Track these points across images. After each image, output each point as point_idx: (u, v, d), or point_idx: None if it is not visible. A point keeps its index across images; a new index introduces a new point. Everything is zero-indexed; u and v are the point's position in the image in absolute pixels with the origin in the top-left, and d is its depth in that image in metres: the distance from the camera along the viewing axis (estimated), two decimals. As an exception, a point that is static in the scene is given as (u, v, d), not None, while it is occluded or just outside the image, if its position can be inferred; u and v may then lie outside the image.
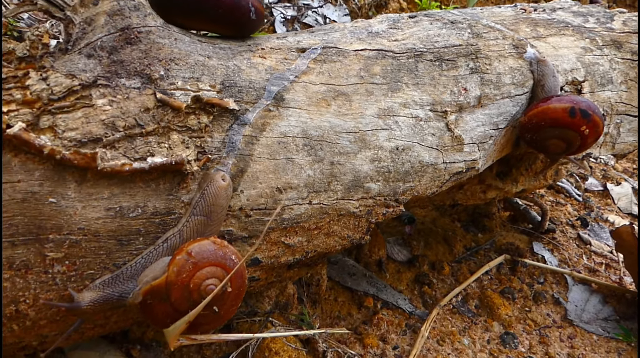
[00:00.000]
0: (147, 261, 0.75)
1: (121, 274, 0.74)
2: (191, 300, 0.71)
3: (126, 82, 0.75)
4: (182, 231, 0.76)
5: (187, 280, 0.71)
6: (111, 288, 0.74)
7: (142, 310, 0.72)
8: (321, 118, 0.88)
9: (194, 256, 0.71)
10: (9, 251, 0.68)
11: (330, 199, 0.88)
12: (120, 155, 0.71)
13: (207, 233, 0.78)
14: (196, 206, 0.76)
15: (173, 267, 0.70)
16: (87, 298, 0.72)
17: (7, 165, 0.67)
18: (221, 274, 0.73)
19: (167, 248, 0.76)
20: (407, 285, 1.34)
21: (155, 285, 0.70)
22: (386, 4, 2.86)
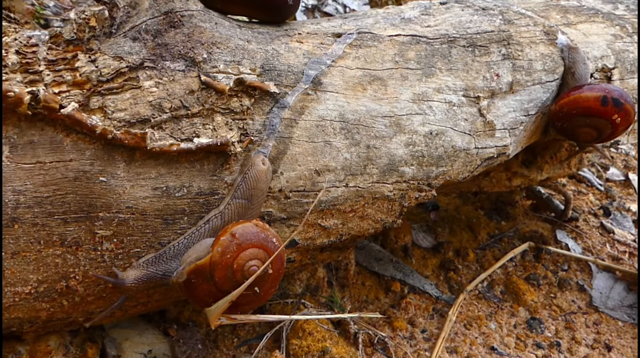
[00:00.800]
0: (189, 242, 0.77)
1: (164, 253, 0.76)
2: (234, 280, 0.73)
3: (171, 65, 0.77)
4: (224, 213, 0.78)
5: (230, 261, 0.72)
6: (155, 266, 0.76)
7: (185, 289, 0.74)
8: (357, 102, 0.89)
9: (238, 238, 0.73)
10: (61, 228, 0.70)
11: (366, 182, 0.89)
12: (167, 136, 0.73)
13: (247, 216, 0.79)
14: (238, 190, 0.77)
15: (217, 247, 0.72)
16: (131, 276, 0.74)
17: (59, 144, 0.69)
18: (263, 256, 0.75)
19: (208, 229, 0.78)
20: (433, 271, 1.35)
21: (200, 265, 0.72)
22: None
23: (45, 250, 0.70)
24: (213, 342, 1.01)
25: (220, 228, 0.78)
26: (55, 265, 0.71)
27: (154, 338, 0.97)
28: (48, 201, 0.68)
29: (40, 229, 0.69)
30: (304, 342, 0.99)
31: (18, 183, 0.67)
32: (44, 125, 0.69)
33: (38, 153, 0.68)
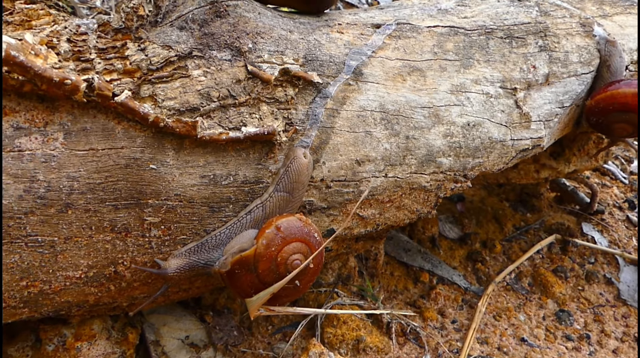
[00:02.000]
0: (231, 232, 0.78)
1: (206, 243, 0.77)
2: (277, 272, 0.74)
3: (218, 55, 0.77)
4: (266, 205, 0.79)
5: (275, 254, 0.73)
6: (197, 255, 0.77)
7: (228, 279, 0.75)
8: (397, 93, 0.90)
9: (283, 231, 0.74)
10: (112, 215, 0.71)
11: (404, 172, 0.90)
12: (215, 124, 0.74)
13: (288, 208, 0.80)
14: (280, 183, 0.78)
15: (262, 240, 0.73)
16: (173, 265, 0.76)
17: (111, 132, 0.70)
18: (305, 250, 0.76)
19: (250, 221, 0.79)
20: (460, 262, 1.35)
21: (244, 256, 0.73)
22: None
23: (96, 235, 0.71)
24: (248, 329, 1.02)
25: (262, 219, 0.79)
26: (105, 251, 0.72)
27: (191, 324, 0.98)
28: (100, 188, 0.69)
29: (92, 215, 0.70)
30: (338, 330, 1.00)
31: (72, 169, 0.68)
32: (96, 112, 0.70)
33: (91, 140, 0.69)
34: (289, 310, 0.87)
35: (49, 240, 0.69)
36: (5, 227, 0.66)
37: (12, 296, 0.70)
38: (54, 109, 0.69)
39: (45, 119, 0.68)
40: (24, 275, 0.69)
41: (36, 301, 0.73)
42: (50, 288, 0.72)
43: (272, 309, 0.80)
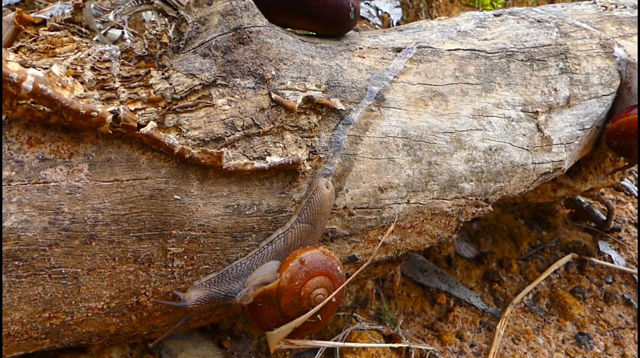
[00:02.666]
0: (252, 263, 0.77)
1: (227, 274, 0.76)
2: (300, 307, 0.73)
3: (241, 82, 0.77)
4: (287, 236, 0.78)
5: (298, 288, 0.73)
6: (217, 287, 0.76)
7: (249, 312, 0.74)
8: (419, 118, 0.89)
9: (307, 265, 0.73)
10: (136, 245, 0.70)
11: (426, 198, 0.89)
12: (240, 154, 0.73)
13: (310, 239, 0.80)
14: (302, 214, 0.78)
15: (286, 273, 0.72)
16: (193, 297, 0.75)
17: (135, 162, 0.70)
18: (328, 284, 0.75)
19: (271, 251, 0.78)
20: (477, 282, 1.34)
21: (267, 290, 0.72)
22: (437, -4, 2.83)
23: (119, 266, 0.70)
24: (265, 355, 1.01)
25: (283, 250, 0.78)
26: (127, 281, 0.72)
27: (209, 350, 0.97)
28: (124, 219, 0.69)
29: (116, 246, 0.69)
30: (357, 357, 0.99)
31: (97, 200, 0.67)
32: (120, 143, 0.69)
33: (115, 170, 0.68)
34: (309, 343, 0.86)
35: (73, 271, 0.68)
36: (30, 259, 0.66)
37: (34, 328, 0.70)
38: (79, 140, 0.68)
39: (71, 150, 0.67)
40: (46, 307, 0.69)
41: (58, 332, 0.72)
42: (72, 319, 0.71)
43: (293, 342, 0.79)
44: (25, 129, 0.67)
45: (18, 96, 0.61)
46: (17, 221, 0.64)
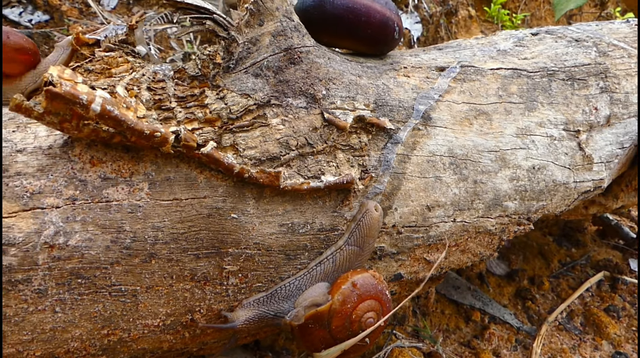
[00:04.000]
0: (301, 284, 0.78)
1: (276, 293, 0.77)
2: (350, 330, 0.74)
3: (293, 102, 0.77)
4: (336, 257, 0.78)
5: (350, 311, 0.73)
6: (266, 306, 0.76)
7: (299, 332, 0.75)
8: (465, 137, 0.89)
9: (359, 289, 0.74)
10: (193, 264, 0.71)
11: (472, 217, 0.89)
12: (295, 173, 0.74)
13: (357, 262, 0.80)
14: (351, 236, 0.78)
15: (338, 296, 0.73)
16: (242, 317, 0.75)
17: (193, 181, 0.70)
18: (378, 308, 0.76)
19: (320, 273, 0.78)
20: (509, 300, 1.34)
21: (319, 311, 0.72)
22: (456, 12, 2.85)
23: (176, 284, 0.71)
24: (306, 371, 1.01)
25: (332, 272, 0.79)
26: (183, 299, 0.72)
27: (251, 366, 0.98)
28: (183, 238, 0.69)
29: (174, 264, 0.70)
30: (399, 374, 0.98)
31: (157, 219, 0.68)
32: (179, 162, 0.70)
33: (175, 189, 0.69)
34: (354, 366, 0.86)
35: (132, 289, 0.69)
36: (92, 277, 0.66)
37: (93, 345, 0.70)
38: (139, 159, 0.69)
39: (131, 169, 0.68)
40: (105, 324, 0.69)
41: (114, 349, 0.73)
42: (129, 336, 0.72)
43: (338, 365, 0.79)
44: (87, 148, 0.68)
45: (85, 117, 0.62)
46: (81, 239, 0.65)
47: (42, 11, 1.69)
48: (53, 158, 0.67)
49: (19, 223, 0.63)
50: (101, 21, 1.71)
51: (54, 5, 1.67)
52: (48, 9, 1.68)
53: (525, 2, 3.07)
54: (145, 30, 1.80)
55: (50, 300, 0.65)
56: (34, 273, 0.64)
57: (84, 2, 1.74)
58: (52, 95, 0.60)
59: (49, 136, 0.68)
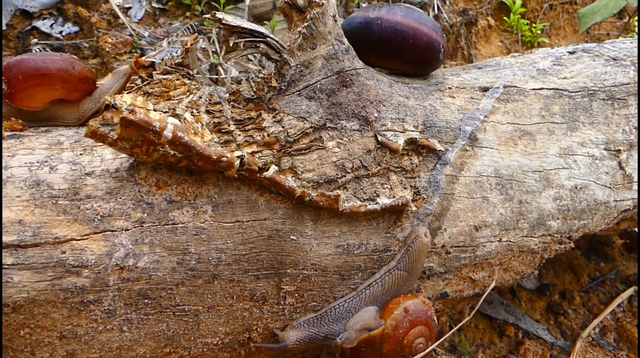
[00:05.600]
0: (350, 306, 0.79)
1: (325, 315, 0.78)
2: (401, 354, 0.75)
3: (347, 124, 0.79)
4: (385, 281, 0.80)
5: (402, 336, 0.74)
6: (316, 328, 0.78)
7: (351, 355, 0.76)
8: (510, 157, 0.91)
9: (411, 314, 0.75)
10: (253, 284, 0.73)
11: (517, 236, 0.90)
12: (351, 196, 0.75)
13: (405, 286, 0.81)
14: (401, 261, 0.80)
15: (391, 321, 0.74)
16: (292, 338, 0.77)
17: (254, 204, 0.72)
18: (427, 333, 0.77)
19: (369, 296, 0.80)
20: (541, 314, 1.34)
21: (372, 335, 0.74)
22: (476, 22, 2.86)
23: (236, 304, 0.73)
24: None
25: (380, 295, 0.80)
26: (242, 318, 0.74)
27: (294, 381, 0.99)
28: (245, 259, 0.71)
29: (235, 285, 0.72)
30: (441, 390, 0.99)
31: (220, 241, 0.70)
32: (239, 184, 0.72)
33: (236, 212, 0.71)
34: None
35: (194, 309, 0.71)
36: (158, 298, 0.68)
37: (155, 363, 0.72)
38: (202, 182, 0.71)
39: (195, 192, 0.70)
40: (168, 342, 0.71)
41: (174, 367, 0.74)
42: (189, 354, 0.73)
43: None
44: (152, 172, 0.70)
45: (156, 143, 0.64)
46: (149, 261, 0.67)
47: (72, 23, 1.72)
48: (120, 181, 0.69)
49: (90, 245, 0.65)
50: (129, 32, 1.74)
51: (84, 17, 1.70)
52: (78, 21, 1.71)
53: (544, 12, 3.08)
54: (172, 42, 1.83)
55: (118, 320, 0.67)
56: (105, 294, 0.65)
57: (111, 14, 1.77)
58: (127, 122, 0.62)
59: (115, 159, 0.70)
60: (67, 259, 0.64)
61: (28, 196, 0.65)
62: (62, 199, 0.66)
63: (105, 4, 1.72)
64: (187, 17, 1.87)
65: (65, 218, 0.65)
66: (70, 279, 0.64)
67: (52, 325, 0.65)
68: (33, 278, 0.62)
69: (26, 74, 0.74)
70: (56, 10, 1.72)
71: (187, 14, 1.85)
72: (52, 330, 0.65)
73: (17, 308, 0.62)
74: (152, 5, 1.86)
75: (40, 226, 0.64)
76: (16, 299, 0.62)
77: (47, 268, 0.63)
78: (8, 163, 0.67)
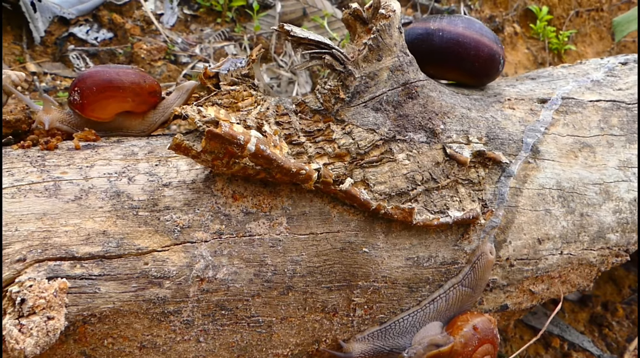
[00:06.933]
0: (414, 320, 0.79)
1: (390, 329, 0.78)
2: None
3: (414, 137, 0.79)
4: (449, 296, 0.80)
5: (470, 353, 0.75)
6: (382, 341, 0.78)
7: None
8: (571, 170, 0.90)
9: (480, 332, 0.75)
10: (325, 296, 0.73)
11: (577, 249, 0.90)
12: (422, 208, 0.75)
13: (468, 303, 0.82)
14: (466, 278, 0.80)
15: (460, 338, 0.74)
16: (357, 350, 0.77)
17: (327, 216, 0.72)
18: (493, 352, 0.77)
19: (433, 311, 0.80)
20: (585, 326, 1.33)
21: (442, 352, 0.74)
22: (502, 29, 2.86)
23: (308, 315, 0.73)
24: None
25: (444, 311, 0.80)
26: (312, 330, 0.74)
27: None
28: (319, 271, 0.71)
29: (308, 297, 0.72)
30: (496, 402, 0.99)
31: (295, 253, 0.70)
32: (312, 196, 0.72)
33: (310, 224, 0.71)
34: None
35: (268, 320, 0.71)
36: (234, 309, 0.69)
37: (227, 374, 0.72)
38: (276, 194, 0.71)
39: (270, 203, 0.70)
40: (240, 353, 0.71)
41: (244, 377, 0.74)
42: (259, 365, 0.74)
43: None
44: (228, 183, 0.70)
45: (238, 156, 0.65)
46: (228, 273, 0.67)
47: (106, 29, 1.74)
48: (197, 192, 0.69)
49: (171, 256, 0.65)
50: (163, 39, 1.75)
51: (118, 24, 1.71)
52: (112, 27, 1.73)
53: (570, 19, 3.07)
54: (204, 48, 1.84)
55: (196, 331, 0.68)
56: (184, 305, 0.66)
57: (144, 20, 1.79)
58: (212, 135, 0.62)
59: (191, 171, 0.71)
60: (149, 270, 0.64)
61: (110, 207, 0.66)
62: (142, 210, 0.66)
63: (137, 11, 1.74)
64: (218, 23, 1.88)
65: (146, 229, 0.65)
66: (152, 290, 0.64)
67: (134, 335, 0.65)
68: (118, 288, 0.63)
69: (100, 86, 0.74)
70: (91, 17, 1.74)
71: (218, 21, 1.86)
72: (133, 340, 0.65)
73: (102, 318, 0.63)
74: (183, 12, 1.87)
75: (123, 237, 0.64)
76: (103, 309, 0.62)
77: (131, 279, 0.63)
78: (88, 173, 0.68)
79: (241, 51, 1.81)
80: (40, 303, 0.56)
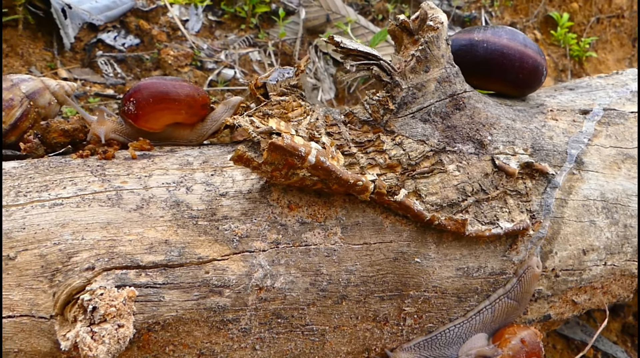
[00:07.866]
0: (460, 331, 0.80)
1: (436, 339, 0.79)
2: None
3: (463, 148, 0.80)
4: (495, 308, 0.81)
5: None
6: (428, 351, 0.79)
7: None
8: (614, 181, 0.91)
9: (527, 345, 0.76)
10: (377, 305, 0.74)
11: (620, 260, 0.90)
12: (473, 219, 0.76)
13: (513, 315, 0.82)
14: (512, 290, 0.80)
15: (508, 350, 0.75)
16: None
17: (380, 226, 0.73)
18: None
19: (478, 322, 0.80)
20: (617, 336, 1.33)
21: None
22: (523, 36, 2.85)
23: (359, 324, 0.74)
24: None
25: (489, 322, 0.81)
26: (364, 338, 0.75)
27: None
28: (372, 280, 0.72)
29: (361, 306, 0.73)
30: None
31: (349, 263, 0.71)
32: (365, 207, 0.73)
33: (364, 234, 0.72)
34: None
35: (321, 328, 0.72)
36: (290, 317, 0.70)
37: (279, 381, 0.73)
38: (330, 204, 0.72)
39: (325, 214, 0.71)
40: (293, 362, 0.72)
41: (296, 385, 0.75)
42: (311, 373, 0.74)
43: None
44: (284, 193, 0.71)
45: (298, 167, 0.66)
46: (285, 282, 0.68)
47: (133, 35, 1.76)
48: (254, 202, 0.70)
49: (231, 265, 0.66)
50: (190, 45, 1.77)
51: (145, 30, 1.73)
52: (139, 33, 1.75)
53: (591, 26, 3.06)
54: (229, 54, 1.86)
55: (252, 339, 0.69)
56: (243, 313, 0.67)
57: (170, 26, 1.81)
58: (274, 147, 0.63)
59: (246, 181, 0.72)
60: (210, 279, 0.65)
61: (170, 216, 0.67)
62: (202, 219, 0.68)
63: (163, 17, 1.76)
64: (242, 29, 1.89)
65: (206, 239, 0.67)
66: (213, 298, 0.65)
67: (193, 343, 0.66)
68: (181, 297, 0.64)
69: (157, 97, 0.76)
70: (119, 23, 1.76)
71: (242, 27, 1.88)
72: (193, 347, 0.66)
73: (165, 326, 0.64)
74: (208, 18, 1.89)
75: (185, 247, 0.66)
76: (166, 317, 0.63)
77: (193, 288, 0.64)
78: (147, 183, 0.69)
79: (265, 57, 1.82)
80: (111, 311, 0.57)
